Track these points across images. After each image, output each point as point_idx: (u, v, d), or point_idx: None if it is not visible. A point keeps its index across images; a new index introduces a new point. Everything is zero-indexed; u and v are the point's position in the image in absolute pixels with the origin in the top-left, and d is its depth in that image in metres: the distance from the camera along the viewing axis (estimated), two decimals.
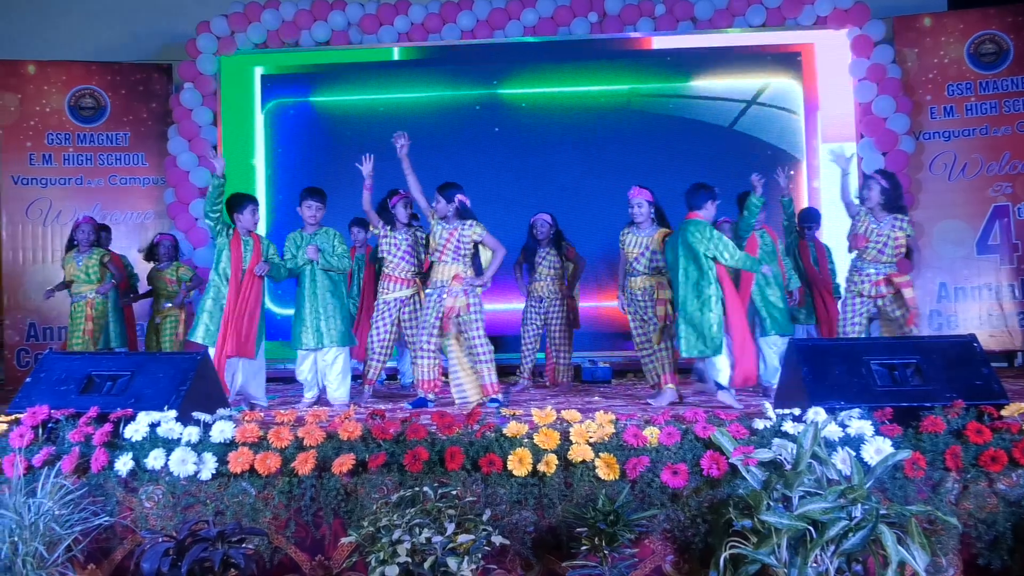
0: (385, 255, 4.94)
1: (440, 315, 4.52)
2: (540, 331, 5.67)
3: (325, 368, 4.75)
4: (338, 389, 4.75)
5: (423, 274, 4.87)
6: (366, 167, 4.76)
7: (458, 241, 4.52)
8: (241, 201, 4.58)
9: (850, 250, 4.72)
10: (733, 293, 4.48)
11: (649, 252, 4.60)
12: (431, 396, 4.60)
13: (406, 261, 4.92)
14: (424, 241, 4.91)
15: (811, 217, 5.86)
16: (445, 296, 4.49)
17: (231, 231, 4.51)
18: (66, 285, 5.75)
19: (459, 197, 4.56)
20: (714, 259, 4.36)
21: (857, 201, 4.74)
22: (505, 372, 5.58)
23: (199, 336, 4.47)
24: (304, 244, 4.74)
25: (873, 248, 4.53)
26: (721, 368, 4.38)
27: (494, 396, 4.47)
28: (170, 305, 6.06)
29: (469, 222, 4.56)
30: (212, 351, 4.36)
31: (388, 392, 5.66)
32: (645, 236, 4.65)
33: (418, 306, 4.96)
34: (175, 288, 6.03)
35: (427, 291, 4.71)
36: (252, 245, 4.55)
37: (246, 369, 4.54)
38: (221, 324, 4.41)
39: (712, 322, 4.29)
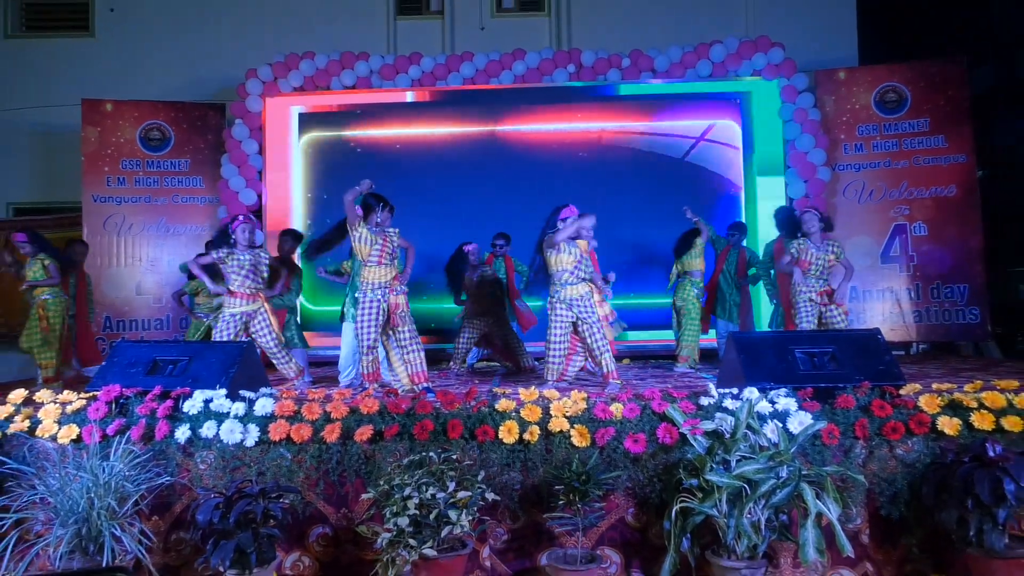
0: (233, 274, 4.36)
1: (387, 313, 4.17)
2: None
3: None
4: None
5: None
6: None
7: (392, 246, 4.19)
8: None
9: (798, 271, 4.66)
10: None
11: (585, 262, 4.26)
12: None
13: (250, 279, 4.36)
14: (267, 261, 4.53)
15: (737, 227, 5.93)
16: (390, 295, 4.14)
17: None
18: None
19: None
20: None
21: (795, 249, 4.72)
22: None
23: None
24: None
25: (815, 269, 4.60)
26: None
27: (424, 384, 4.11)
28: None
29: (392, 229, 4.25)
30: None
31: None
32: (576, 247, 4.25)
33: (265, 317, 4.43)
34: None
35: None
36: None
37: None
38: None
39: None
